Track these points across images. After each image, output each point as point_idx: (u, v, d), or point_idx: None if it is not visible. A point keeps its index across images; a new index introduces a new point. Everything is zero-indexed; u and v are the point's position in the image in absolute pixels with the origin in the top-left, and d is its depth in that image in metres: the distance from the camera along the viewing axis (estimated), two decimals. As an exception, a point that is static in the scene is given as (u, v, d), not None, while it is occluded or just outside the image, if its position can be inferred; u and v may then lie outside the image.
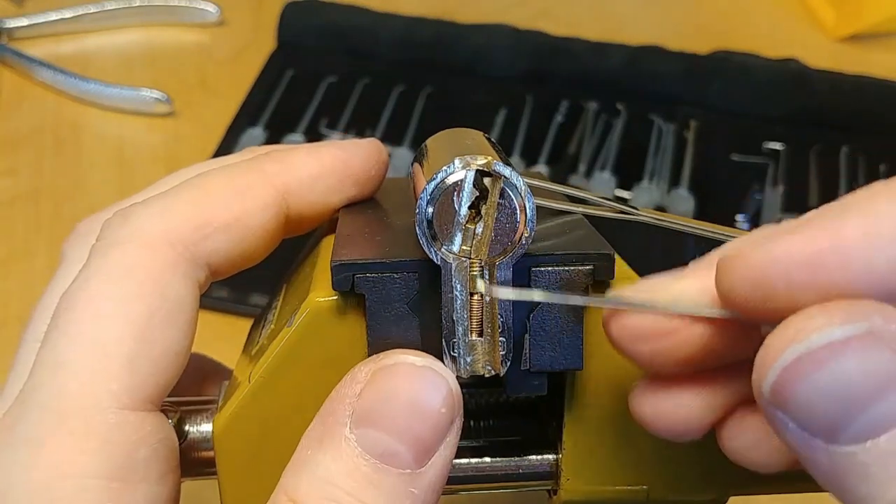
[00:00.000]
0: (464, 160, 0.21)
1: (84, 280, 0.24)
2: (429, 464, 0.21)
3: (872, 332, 0.17)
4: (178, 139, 0.66)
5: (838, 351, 0.17)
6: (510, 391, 0.24)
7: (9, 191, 0.62)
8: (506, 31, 0.72)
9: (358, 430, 0.21)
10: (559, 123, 0.67)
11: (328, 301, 0.23)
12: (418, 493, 0.21)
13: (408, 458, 0.21)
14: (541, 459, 0.26)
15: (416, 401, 0.21)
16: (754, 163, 0.65)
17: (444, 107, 0.68)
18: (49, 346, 0.23)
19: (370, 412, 0.21)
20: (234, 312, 0.54)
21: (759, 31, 0.78)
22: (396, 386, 0.22)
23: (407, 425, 0.21)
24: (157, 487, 0.23)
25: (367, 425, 0.21)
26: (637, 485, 0.26)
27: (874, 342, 0.17)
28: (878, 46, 0.77)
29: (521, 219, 0.22)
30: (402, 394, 0.21)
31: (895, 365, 0.17)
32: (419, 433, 0.21)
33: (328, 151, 0.28)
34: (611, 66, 0.70)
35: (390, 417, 0.21)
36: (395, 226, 0.26)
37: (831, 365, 0.17)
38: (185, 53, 0.73)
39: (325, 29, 0.72)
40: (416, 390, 0.21)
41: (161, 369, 0.24)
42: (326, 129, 0.66)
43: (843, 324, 0.17)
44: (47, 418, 0.22)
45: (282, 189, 0.26)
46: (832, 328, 0.17)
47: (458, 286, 0.22)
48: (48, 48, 0.72)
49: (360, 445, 0.21)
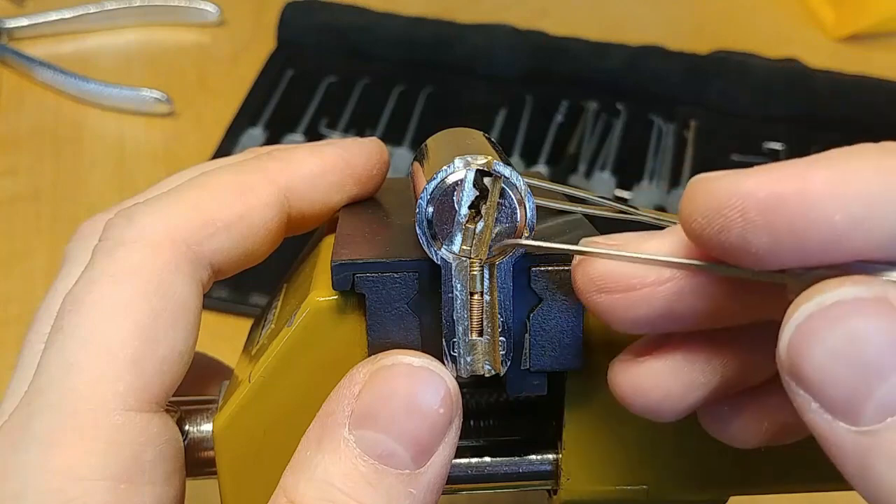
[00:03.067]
0: (464, 160, 0.21)
1: (89, 281, 0.24)
2: (428, 464, 0.21)
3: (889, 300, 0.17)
4: (178, 139, 0.66)
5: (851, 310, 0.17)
6: (510, 391, 0.24)
7: (9, 191, 0.62)
8: (506, 31, 0.72)
9: (357, 430, 0.21)
10: (559, 123, 0.67)
11: (328, 301, 0.23)
12: (417, 494, 0.21)
13: (406, 459, 0.21)
14: (541, 459, 0.26)
15: (414, 401, 0.21)
16: (754, 163, 0.65)
17: (444, 107, 0.68)
18: (55, 347, 0.23)
19: (369, 413, 0.21)
20: (234, 312, 0.54)
21: (759, 31, 0.78)
22: (395, 386, 0.22)
23: (405, 426, 0.21)
24: (163, 488, 0.23)
25: (365, 426, 0.21)
26: (637, 485, 0.26)
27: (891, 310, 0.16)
28: (878, 46, 0.77)
29: (521, 219, 0.22)
30: (400, 394, 0.21)
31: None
32: (417, 434, 0.21)
33: (330, 150, 0.28)
34: (611, 66, 0.70)
35: (389, 418, 0.21)
36: (395, 226, 0.26)
37: (844, 324, 0.17)
38: (185, 53, 0.73)
39: (325, 29, 0.72)
40: (414, 391, 0.22)
41: (166, 370, 0.24)
42: (326, 129, 0.66)
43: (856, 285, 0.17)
44: (56, 420, 0.22)
45: (284, 187, 0.26)
46: (844, 288, 0.17)
47: (458, 286, 0.22)
48: (48, 48, 0.72)
49: (358, 446, 0.21)
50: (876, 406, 0.16)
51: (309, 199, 0.27)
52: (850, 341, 0.16)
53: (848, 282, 0.17)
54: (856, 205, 0.17)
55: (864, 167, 0.17)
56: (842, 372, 0.16)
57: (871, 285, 0.17)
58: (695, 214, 0.18)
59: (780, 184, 0.17)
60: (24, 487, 0.22)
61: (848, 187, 0.17)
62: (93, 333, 0.23)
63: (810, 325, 0.17)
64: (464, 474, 0.26)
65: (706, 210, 0.18)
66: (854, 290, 0.17)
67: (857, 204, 0.17)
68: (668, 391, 0.21)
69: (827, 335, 0.17)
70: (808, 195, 0.17)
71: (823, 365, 0.17)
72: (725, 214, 0.18)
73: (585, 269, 0.21)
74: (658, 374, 0.21)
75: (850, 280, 0.17)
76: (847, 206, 0.17)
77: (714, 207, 0.18)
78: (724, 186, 0.18)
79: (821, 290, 0.17)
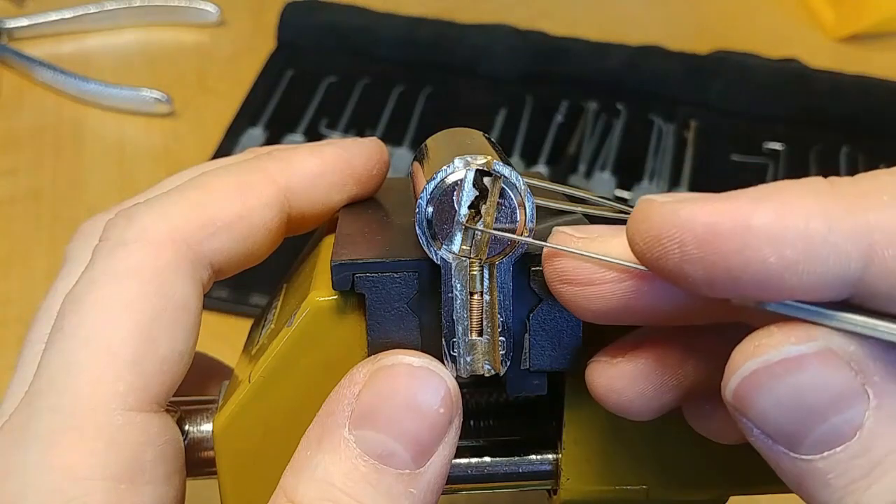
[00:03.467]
0: (464, 160, 0.21)
1: (89, 281, 0.24)
2: (427, 464, 0.21)
3: (832, 350, 0.17)
4: (178, 139, 0.66)
5: (793, 366, 0.17)
6: (510, 391, 0.24)
7: (9, 191, 0.62)
8: (506, 31, 0.72)
9: (356, 430, 0.21)
10: (559, 123, 0.67)
11: (328, 301, 0.23)
12: (417, 493, 0.21)
13: (406, 459, 0.21)
14: (541, 459, 0.26)
15: (414, 401, 0.21)
16: (754, 163, 0.65)
17: (444, 107, 0.68)
18: (55, 347, 0.23)
19: (368, 413, 0.21)
20: (234, 312, 0.54)
21: (759, 31, 0.78)
22: (394, 386, 0.22)
23: (405, 426, 0.21)
24: (163, 488, 0.23)
25: (365, 426, 0.21)
26: (637, 485, 0.26)
27: (834, 358, 0.17)
28: (878, 46, 0.77)
29: (520, 219, 0.22)
30: (400, 394, 0.21)
31: (853, 381, 0.17)
32: (417, 433, 0.21)
33: (330, 150, 0.28)
34: (611, 66, 0.70)
35: (388, 418, 0.21)
36: (395, 226, 0.26)
37: (787, 379, 0.17)
38: (185, 53, 0.73)
39: (325, 29, 0.72)
40: (413, 391, 0.22)
41: (166, 370, 0.24)
42: (326, 129, 0.66)
43: (799, 343, 0.17)
44: (57, 420, 0.22)
45: (284, 187, 0.26)
46: (788, 346, 0.17)
47: (458, 286, 0.22)
48: (48, 48, 0.72)
49: (358, 446, 0.21)
50: (814, 442, 0.18)
51: (309, 198, 0.27)
52: (794, 392, 0.17)
53: (793, 336, 0.18)
54: (790, 249, 0.17)
55: (803, 209, 0.17)
56: (785, 416, 0.18)
57: (815, 340, 0.17)
58: (636, 239, 0.19)
59: (717, 219, 0.17)
60: (24, 487, 0.22)
61: (785, 231, 0.17)
62: (93, 333, 0.23)
63: (756, 379, 0.18)
64: (464, 474, 0.26)
65: (646, 237, 0.18)
66: (798, 348, 0.17)
67: (792, 248, 0.17)
68: (641, 392, 0.21)
69: (772, 387, 0.18)
70: (744, 235, 0.17)
71: (768, 411, 0.18)
72: (664, 244, 0.18)
73: (552, 260, 0.21)
74: (630, 375, 0.21)
75: (795, 334, 0.18)
76: (782, 250, 0.17)
77: (653, 236, 0.18)
78: (664, 215, 0.18)
79: (765, 345, 0.18)
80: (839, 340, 0.17)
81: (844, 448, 0.17)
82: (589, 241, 0.21)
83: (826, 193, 0.17)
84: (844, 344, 0.17)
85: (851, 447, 0.17)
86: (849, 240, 0.17)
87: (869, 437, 0.17)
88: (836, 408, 0.17)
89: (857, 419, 0.17)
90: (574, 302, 0.21)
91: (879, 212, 0.17)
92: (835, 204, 0.17)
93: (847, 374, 0.17)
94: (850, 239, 0.17)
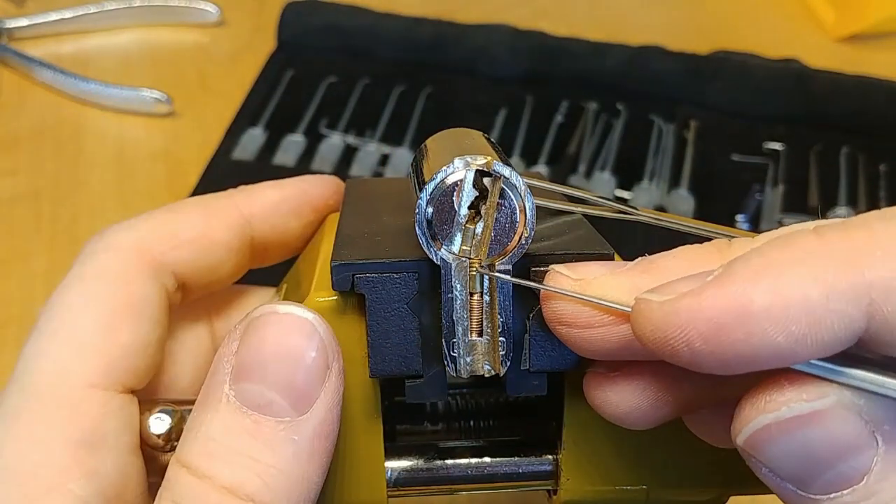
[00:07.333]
0: (464, 160, 0.21)
1: (62, 286, 0.27)
2: (310, 411, 0.22)
3: (843, 405, 0.18)
4: (178, 139, 0.66)
5: (805, 423, 0.18)
6: (510, 391, 0.24)
7: (9, 191, 0.62)
8: (506, 31, 0.72)
9: (236, 385, 0.22)
10: (559, 124, 0.67)
11: (328, 301, 0.23)
12: (300, 440, 0.21)
13: (285, 406, 0.21)
14: (541, 459, 0.26)
15: (283, 348, 0.22)
16: (754, 163, 0.65)
17: (444, 107, 0.68)
18: (30, 342, 0.26)
19: (245, 366, 0.22)
20: (234, 312, 0.54)
21: (759, 31, 0.78)
22: (263, 336, 0.22)
23: (279, 374, 0.22)
24: (127, 458, 0.25)
25: (242, 379, 0.22)
26: (637, 485, 0.26)
27: (844, 413, 0.18)
28: (878, 46, 0.77)
29: (520, 219, 0.22)
30: (269, 342, 0.22)
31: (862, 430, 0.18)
32: (292, 380, 0.22)
33: (289, 182, 0.31)
34: (611, 66, 0.70)
35: (262, 368, 0.22)
36: (396, 226, 0.26)
37: (799, 433, 0.18)
38: (185, 54, 0.73)
39: (325, 29, 0.72)
40: (282, 337, 0.22)
41: (129, 356, 0.26)
42: (326, 129, 0.66)
43: (811, 400, 0.18)
44: (23, 396, 0.25)
45: (247, 213, 0.30)
46: (801, 403, 0.18)
47: (457, 286, 0.22)
48: (48, 48, 0.72)
49: (238, 399, 0.21)
50: (822, 485, 0.18)
51: (270, 223, 0.30)
52: (805, 444, 0.18)
53: (804, 394, 0.18)
54: (795, 325, 0.17)
55: (799, 280, 0.17)
56: (795, 464, 0.18)
57: (825, 397, 0.18)
58: (643, 339, 0.19)
59: (718, 313, 0.18)
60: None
61: (787, 310, 0.17)
62: (60, 326, 0.26)
63: (768, 432, 0.18)
64: (464, 474, 0.26)
65: (652, 338, 0.19)
66: (811, 405, 0.18)
67: (797, 324, 0.17)
68: (637, 406, 0.22)
69: (783, 440, 0.18)
70: (748, 323, 0.17)
71: (780, 459, 0.18)
72: (671, 344, 0.18)
73: (550, 302, 0.21)
74: (626, 390, 0.22)
75: (806, 391, 0.18)
76: (787, 327, 0.17)
77: (659, 337, 0.18)
78: (665, 317, 0.18)
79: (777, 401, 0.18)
80: (850, 395, 0.18)
81: (852, 491, 0.18)
82: (586, 284, 0.21)
83: (817, 255, 0.17)
84: (855, 398, 0.18)
85: (858, 491, 0.18)
86: (849, 302, 0.17)
87: (876, 482, 0.18)
88: (844, 456, 0.18)
89: (866, 465, 0.18)
90: (575, 343, 0.21)
91: (874, 269, 0.17)
92: (828, 265, 0.17)
93: (857, 425, 0.18)
94: (851, 302, 0.17)
